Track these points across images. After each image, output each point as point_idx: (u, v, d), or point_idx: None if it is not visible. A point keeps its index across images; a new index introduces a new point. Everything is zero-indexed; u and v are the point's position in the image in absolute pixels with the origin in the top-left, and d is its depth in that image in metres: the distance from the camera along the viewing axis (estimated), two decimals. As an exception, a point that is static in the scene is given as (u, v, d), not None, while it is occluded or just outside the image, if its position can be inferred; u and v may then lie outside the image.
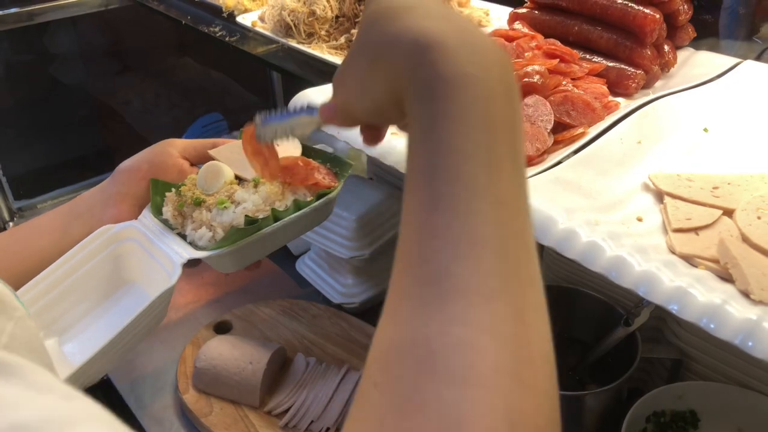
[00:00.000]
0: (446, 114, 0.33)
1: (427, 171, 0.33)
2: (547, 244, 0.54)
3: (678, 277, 0.49)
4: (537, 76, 0.73)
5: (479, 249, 0.31)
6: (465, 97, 0.33)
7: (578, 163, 0.65)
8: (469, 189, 0.32)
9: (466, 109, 0.33)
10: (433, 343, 0.28)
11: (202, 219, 0.65)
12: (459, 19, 0.37)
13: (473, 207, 0.31)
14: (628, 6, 0.81)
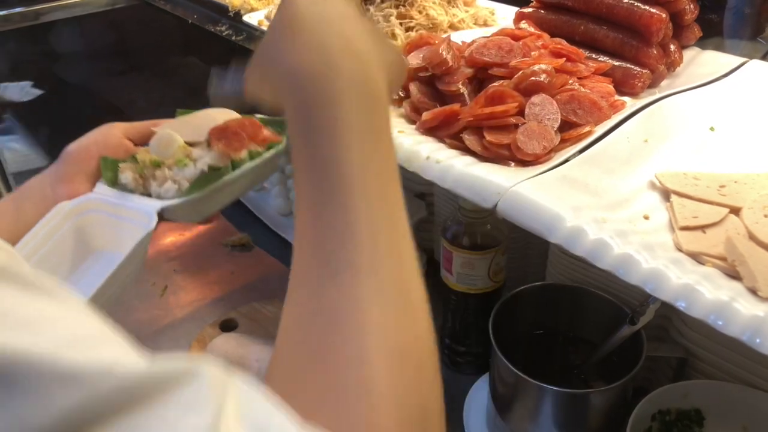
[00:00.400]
0: (313, 130, 0.41)
1: (311, 179, 0.40)
2: (555, 242, 0.55)
3: (685, 275, 0.49)
4: (544, 75, 0.73)
5: (356, 237, 0.38)
6: (323, 115, 0.41)
7: (585, 162, 0.65)
8: (345, 187, 0.39)
9: (328, 124, 0.40)
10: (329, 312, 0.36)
11: (166, 175, 0.70)
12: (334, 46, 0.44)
13: (350, 203, 0.38)
14: (634, 5, 0.82)
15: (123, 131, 0.79)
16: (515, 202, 0.58)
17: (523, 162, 0.67)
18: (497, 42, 0.79)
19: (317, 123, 0.41)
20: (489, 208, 0.60)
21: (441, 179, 0.64)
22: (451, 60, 0.78)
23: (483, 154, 0.68)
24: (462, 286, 0.98)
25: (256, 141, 0.74)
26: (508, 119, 0.69)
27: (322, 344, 0.35)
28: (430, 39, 0.87)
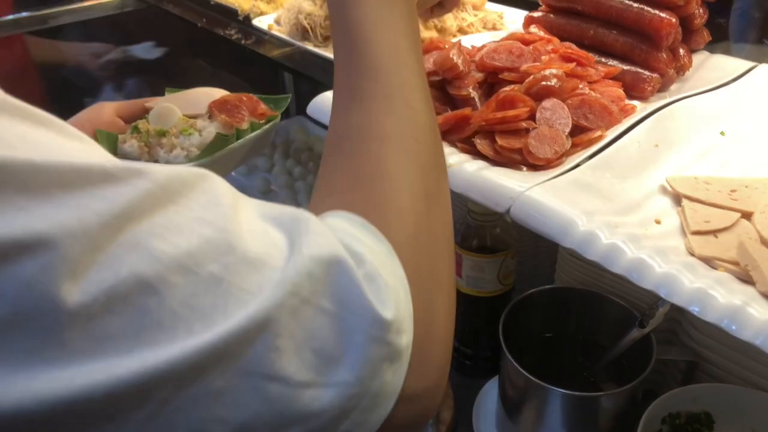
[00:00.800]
0: None
1: (339, 35, 0.48)
2: (568, 246, 0.55)
3: (698, 279, 0.49)
4: (554, 80, 0.73)
5: (371, 72, 0.45)
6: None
7: (596, 166, 0.65)
8: (364, 38, 0.46)
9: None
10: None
11: (173, 143, 0.76)
12: None
13: (367, 49, 0.46)
14: (644, 10, 0.82)
15: (114, 109, 0.84)
16: (528, 207, 0.59)
17: (535, 166, 0.67)
18: (508, 46, 0.80)
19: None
20: (502, 212, 0.60)
21: (453, 183, 0.65)
22: (462, 64, 0.78)
23: (495, 158, 0.69)
24: (471, 290, 0.99)
25: (254, 114, 0.82)
26: (519, 124, 0.70)
27: (349, 152, 0.43)
28: (440, 43, 0.87)
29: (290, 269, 0.30)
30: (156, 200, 0.29)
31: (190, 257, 0.28)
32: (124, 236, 0.27)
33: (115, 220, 0.27)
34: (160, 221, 0.28)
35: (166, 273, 0.27)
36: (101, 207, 0.27)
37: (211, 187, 0.32)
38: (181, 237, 0.28)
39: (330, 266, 0.32)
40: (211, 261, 0.29)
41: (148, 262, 0.27)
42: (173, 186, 0.30)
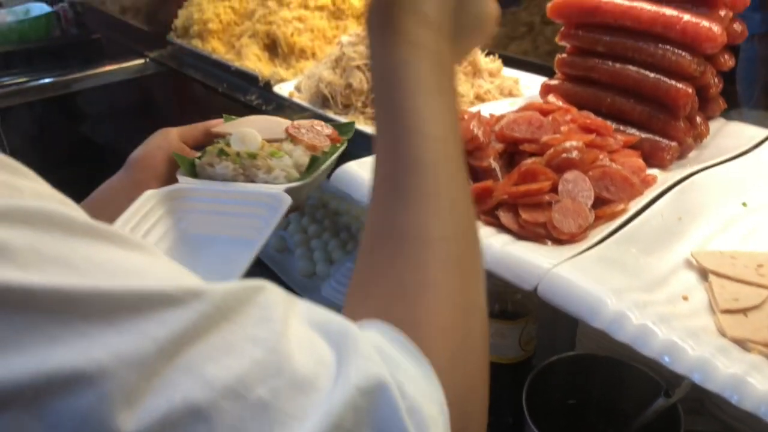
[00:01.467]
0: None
1: (386, 116, 0.48)
2: (598, 327, 0.55)
3: (733, 364, 0.49)
4: (575, 152, 0.74)
5: (419, 168, 0.44)
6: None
7: (621, 241, 0.66)
8: (409, 132, 0.46)
9: (405, 79, 0.47)
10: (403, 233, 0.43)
11: (269, 165, 0.80)
12: None
13: (415, 142, 0.45)
14: (661, 80, 0.83)
15: (179, 135, 0.86)
16: (556, 285, 0.59)
17: (560, 240, 0.67)
18: (527, 118, 0.81)
19: (384, 76, 0.48)
20: (529, 290, 0.60)
21: (479, 259, 0.65)
22: (482, 136, 0.80)
23: (519, 232, 0.69)
24: (493, 356, 0.98)
25: (331, 138, 0.88)
26: (542, 197, 0.70)
27: (390, 255, 0.42)
28: (459, 114, 0.89)
29: (336, 398, 0.31)
30: (212, 321, 0.29)
31: (240, 382, 0.29)
32: (179, 360, 0.28)
33: (172, 345, 0.28)
34: (214, 342, 0.29)
35: (217, 399, 0.28)
36: (160, 333, 0.27)
37: (265, 300, 0.33)
38: (233, 359, 0.29)
39: (375, 398, 0.32)
40: (260, 384, 0.29)
41: (201, 388, 0.28)
42: (229, 304, 0.31)
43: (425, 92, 0.47)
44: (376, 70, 0.49)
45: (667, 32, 0.83)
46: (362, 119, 1.01)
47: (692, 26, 0.80)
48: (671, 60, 0.82)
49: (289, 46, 1.29)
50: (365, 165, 0.83)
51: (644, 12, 0.85)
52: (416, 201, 0.43)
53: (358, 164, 0.83)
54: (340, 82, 1.03)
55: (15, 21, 2.24)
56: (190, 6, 1.55)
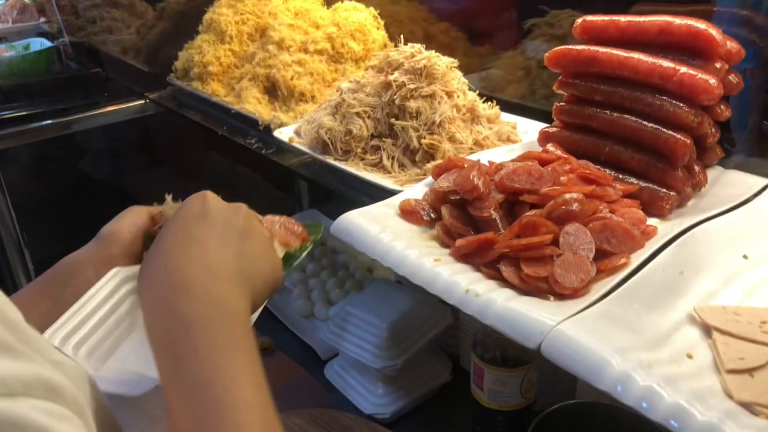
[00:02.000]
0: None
1: (184, 392, 0.47)
2: (602, 389, 0.54)
3: (742, 430, 0.48)
4: (575, 204, 0.75)
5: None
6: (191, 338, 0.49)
7: (624, 296, 0.65)
8: (219, 405, 0.46)
9: (197, 347, 0.48)
10: None
11: None
12: None
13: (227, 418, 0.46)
14: (659, 130, 0.84)
15: (149, 212, 0.85)
16: (559, 344, 0.59)
17: (562, 295, 0.67)
18: (527, 168, 0.81)
19: (183, 347, 0.48)
20: (533, 348, 0.60)
21: (482, 315, 0.65)
22: (482, 186, 0.80)
23: (521, 286, 0.69)
24: (493, 404, 0.97)
25: (301, 238, 0.86)
26: (543, 250, 0.71)
27: None
28: (459, 162, 0.89)
29: None
30: None
31: None
32: None
33: None
34: None
35: None
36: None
37: None
38: None
39: None
40: None
41: None
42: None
43: (240, 357, 0.49)
44: (162, 326, 0.50)
45: (664, 83, 0.84)
46: (362, 165, 1.02)
47: (689, 78, 0.81)
48: (669, 111, 0.83)
49: (289, 89, 1.30)
50: (365, 214, 0.83)
51: (641, 63, 0.86)
52: None
53: (358, 213, 0.83)
54: (339, 128, 1.04)
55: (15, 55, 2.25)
56: (190, 48, 1.57)
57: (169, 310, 0.51)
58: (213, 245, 0.56)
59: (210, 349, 0.48)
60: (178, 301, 0.51)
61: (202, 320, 0.49)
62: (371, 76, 1.07)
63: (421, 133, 1.00)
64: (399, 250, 0.76)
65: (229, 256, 0.56)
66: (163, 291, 0.52)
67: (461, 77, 1.08)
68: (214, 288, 0.52)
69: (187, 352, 0.48)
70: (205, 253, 0.54)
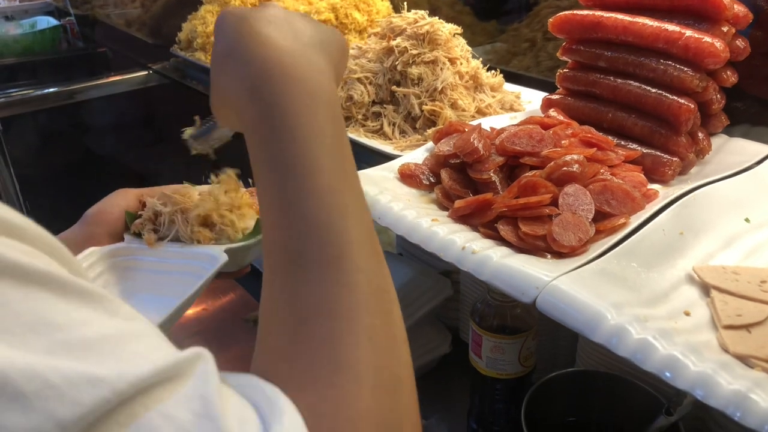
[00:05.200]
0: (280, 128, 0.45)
1: (267, 174, 0.45)
2: (597, 341, 0.54)
3: (736, 380, 0.48)
4: (576, 165, 0.74)
5: (315, 230, 0.42)
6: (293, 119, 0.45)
7: (622, 255, 0.65)
8: (296, 189, 0.43)
9: (283, 130, 0.45)
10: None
11: None
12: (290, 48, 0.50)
13: (312, 201, 0.42)
14: (663, 95, 0.83)
15: (137, 195, 0.86)
16: (555, 298, 0.58)
17: (560, 254, 0.66)
18: (528, 131, 0.80)
19: (278, 128, 0.45)
20: (528, 302, 0.59)
21: (478, 271, 0.64)
22: (483, 148, 0.79)
23: (518, 244, 0.68)
24: (492, 371, 0.97)
25: None
26: (542, 210, 0.70)
27: (298, 332, 0.39)
28: (460, 126, 0.88)
29: None
30: (146, 395, 0.30)
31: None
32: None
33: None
34: (152, 415, 0.30)
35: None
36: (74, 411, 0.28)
37: (203, 370, 0.34)
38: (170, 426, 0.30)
39: None
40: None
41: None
42: (170, 374, 0.32)
43: (321, 143, 0.44)
44: (263, 119, 0.46)
45: (669, 48, 0.82)
46: (362, 131, 1.01)
47: (694, 42, 0.80)
48: (673, 75, 0.82)
49: (292, 59, 1.29)
50: (363, 177, 0.82)
51: (646, 27, 0.84)
52: (319, 270, 0.40)
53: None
54: (341, 94, 1.03)
55: (21, 34, 2.26)
56: (193, 19, 1.56)
57: (253, 95, 0.47)
58: (270, 30, 0.50)
59: (292, 133, 0.44)
60: (260, 86, 0.47)
61: (283, 103, 0.45)
62: (373, 42, 1.06)
63: (423, 99, 0.99)
64: (397, 210, 0.76)
65: (290, 35, 0.51)
66: (246, 79, 0.48)
67: (464, 44, 1.07)
68: (294, 66, 0.48)
69: (270, 135, 0.45)
70: (268, 38, 0.49)
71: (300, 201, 0.42)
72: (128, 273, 0.80)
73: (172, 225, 0.82)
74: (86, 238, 0.81)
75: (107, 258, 0.79)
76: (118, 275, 0.80)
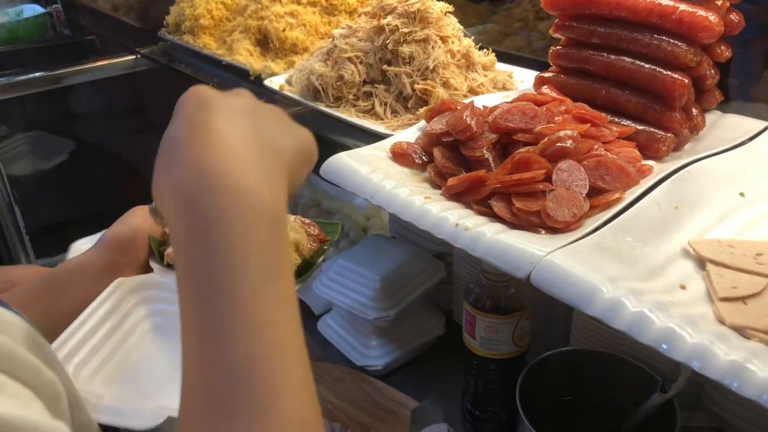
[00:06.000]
0: (209, 252, 0.40)
1: (195, 303, 0.39)
2: (593, 315, 0.53)
3: (733, 351, 0.47)
4: (569, 141, 0.73)
5: (246, 373, 0.37)
6: (220, 234, 0.40)
7: (617, 230, 0.64)
8: (228, 321, 0.38)
9: (213, 250, 0.40)
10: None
11: None
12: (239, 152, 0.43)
13: (234, 337, 0.37)
14: (656, 71, 0.82)
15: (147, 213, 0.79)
16: (549, 273, 0.57)
17: (554, 229, 0.66)
18: (521, 108, 0.80)
19: (211, 248, 0.40)
20: (522, 278, 0.59)
21: (471, 247, 0.63)
22: (475, 126, 0.78)
23: (512, 221, 0.68)
24: (486, 352, 0.96)
25: (318, 239, 0.84)
26: (536, 186, 0.69)
27: None
28: (452, 104, 0.87)
29: None
30: None
31: None
32: None
33: None
34: None
35: None
36: None
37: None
38: None
39: None
40: None
41: None
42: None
43: (260, 267, 0.40)
44: (195, 235, 0.41)
45: (662, 22, 0.81)
46: (354, 112, 1.00)
47: (688, 16, 0.79)
48: (667, 50, 0.81)
49: (281, 41, 1.27)
50: (355, 156, 0.81)
51: (639, 2, 0.83)
52: (246, 422, 0.35)
53: (347, 155, 0.81)
54: (331, 74, 1.01)
55: (8, 22, 2.22)
56: (181, 2, 1.54)
57: (188, 206, 0.41)
58: (227, 128, 0.44)
59: (227, 255, 0.39)
60: (197, 196, 0.41)
61: (221, 218, 0.40)
62: (364, 21, 1.05)
63: (415, 79, 0.98)
64: (389, 188, 0.75)
65: (248, 136, 0.45)
66: (182, 186, 0.42)
67: (456, 23, 1.06)
68: (240, 176, 0.42)
69: (202, 256, 0.40)
70: (220, 138, 0.43)
71: (231, 336, 0.37)
72: (159, 307, 0.74)
73: None
74: (106, 266, 0.75)
75: (136, 291, 0.74)
76: (149, 310, 0.74)
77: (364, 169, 0.78)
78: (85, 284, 0.72)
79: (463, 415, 1.06)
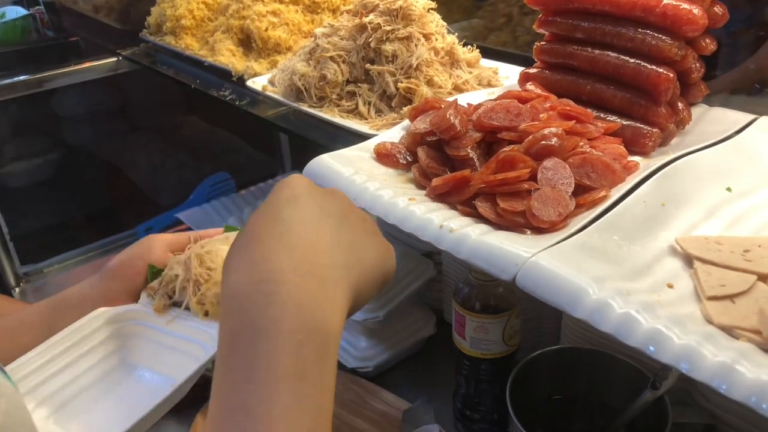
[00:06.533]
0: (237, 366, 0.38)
1: (221, 413, 0.38)
2: (579, 317, 0.52)
3: (721, 352, 0.47)
4: (554, 139, 0.72)
5: None
6: (256, 350, 0.38)
7: (603, 228, 0.63)
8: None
9: (253, 363, 0.38)
10: None
11: None
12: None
13: None
14: (641, 65, 0.81)
15: (167, 244, 0.79)
16: (535, 274, 0.56)
17: (539, 229, 0.65)
18: (505, 105, 0.78)
19: (240, 358, 0.38)
20: (508, 280, 0.58)
21: (456, 250, 0.62)
22: (459, 125, 0.77)
23: (497, 221, 0.67)
24: (476, 351, 0.95)
25: None
26: (521, 185, 0.68)
27: None
28: (436, 103, 0.86)
29: None
30: None
31: None
32: None
33: None
34: None
35: None
36: None
37: None
38: None
39: None
40: None
41: None
42: None
43: (299, 392, 0.37)
44: (239, 335, 0.39)
45: (646, 16, 0.80)
46: (337, 112, 0.98)
47: (672, 9, 0.78)
48: (651, 44, 0.80)
49: (264, 40, 1.25)
50: (338, 157, 0.80)
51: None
52: None
53: (331, 156, 0.80)
54: (314, 74, 1.00)
55: (-10, 24, 2.19)
56: (162, 3, 1.51)
57: (242, 308, 0.40)
58: (306, 233, 0.43)
59: (265, 374, 0.37)
60: (253, 301, 0.40)
61: (270, 331, 0.38)
62: (346, 19, 1.03)
63: (398, 77, 0.97)
64: (372, 190, 0.73)
65: (325, 246, 0.44)
66: (242, 282, 0.41)
67: (439, 20, 1.05)
68: (302, 290, 0.40)
69: (241, 366, 0.38)
70: (294, 241, 0.42)
71: None
72: (131, 341, 0.74)
73: (184, 292, 0.74)
74: (101, 294, 0.75)
75: (113, 323, 0.74)
76: (120, 343, 0.74)
77: (348, 170, 0.77)
78: (81, 311, 0.73)
79: (455, 416, 1.05)
